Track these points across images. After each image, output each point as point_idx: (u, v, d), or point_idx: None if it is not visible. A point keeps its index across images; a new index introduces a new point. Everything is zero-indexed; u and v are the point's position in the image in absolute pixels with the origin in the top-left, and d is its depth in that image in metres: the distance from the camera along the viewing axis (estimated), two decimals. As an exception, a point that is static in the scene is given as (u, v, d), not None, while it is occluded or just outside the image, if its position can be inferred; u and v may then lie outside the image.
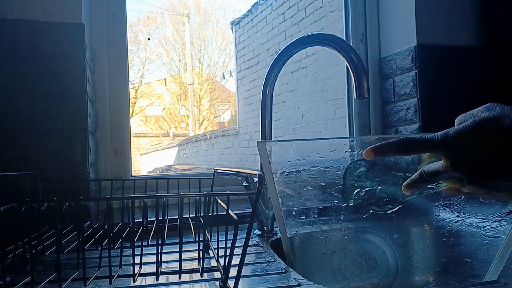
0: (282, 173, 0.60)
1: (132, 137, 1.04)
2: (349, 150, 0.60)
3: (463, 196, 0.58)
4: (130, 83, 1.05)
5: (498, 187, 0.45)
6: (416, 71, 1.06)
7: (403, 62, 1.10)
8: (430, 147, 0.47)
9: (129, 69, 1.04)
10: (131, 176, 1.03)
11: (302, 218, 0.62)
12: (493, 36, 1.13)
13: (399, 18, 1.12)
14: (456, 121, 0.50)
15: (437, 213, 0.61)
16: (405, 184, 0.52)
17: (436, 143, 0.47)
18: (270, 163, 0.59)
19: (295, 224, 0.62)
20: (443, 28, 1.09)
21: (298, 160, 0.61)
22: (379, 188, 0.59)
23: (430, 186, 0.54)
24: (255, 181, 0.77)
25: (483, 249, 0.58)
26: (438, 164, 0.48)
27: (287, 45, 0.75)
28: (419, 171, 0.50)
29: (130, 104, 1.04)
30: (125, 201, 0.52)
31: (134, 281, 0.47)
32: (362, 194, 0.60)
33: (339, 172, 0.60)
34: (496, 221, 0.57)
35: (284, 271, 0.57)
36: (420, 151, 0.49)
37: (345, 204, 0.60)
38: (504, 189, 0.46)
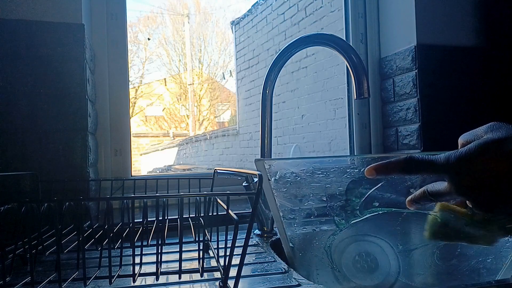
0: (282, 189, 0.60)
1: (132, 137, 1.04)
2: (351, 167, 0.59)
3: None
4: (130, 83, 1.05)
5: (508, 213, 0.44)
6: (416, 71, 1.06)
7: (403, 62, 1.10)
8: (433, 169, 0.46)
9: (129, 69, 1.04)
10: (131, 176, 1.03)
11: (304, 229, 0.62)
12: (493, 36, 1.13)
13: (399, 18, 1.12)
14: (460, 141, 0.48)
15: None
16: (408, 199, 0.51)
17: (438, 166, 0.45)
18: (269, 180, 0.59)
19: (297, 235, 0.61)
20: (443, 28, 1.09)
21: (298, 178, 0.61)
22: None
23: None
24: (255, 181, 0.77)
25: (491, 258, 0.58)
26: (442, 186, 0.46)
27: (287, 45, 0.75)
28: (422, 189, 0.49)
29: (130, 104, 1.04)
30: (125, 201, 0.52)
31: (134, 281, 0.47)
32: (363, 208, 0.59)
33: (341, 189, 0.60)
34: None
35: (284, 271, 0.57)
36: (422, 172, 0.48)
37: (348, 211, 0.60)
38: None
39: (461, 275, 0.58)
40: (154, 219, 0.71)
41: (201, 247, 0.53)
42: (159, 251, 0.48)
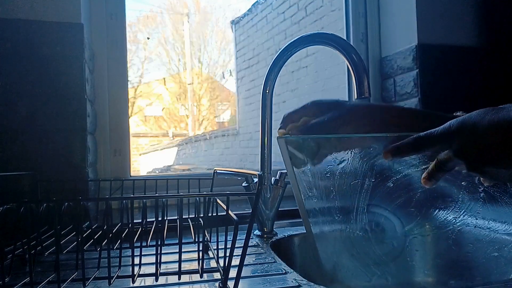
0: (303, 170, 0.59)
1: (131, 137, 1.04)
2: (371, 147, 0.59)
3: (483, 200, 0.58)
4: (129, 83, 1.05)
5: (499, 174, 0.45)
6: (417, 70, 1.05)
7: (404, 62, 1.09)
8: (439, 138, 0.48)
9: (128, 69, 1.04)
10: (130, 176, 1.03)
11: (324, 215, 0.61)
12: (493, 36, 1.13)
13: (400, 17, 1.12)
14: None
15: (458, 216, 0.60)
16: (424, 176, 0.51)
17: (443, 132, 0.47)
18: (291, 159, 0.58)
19: (317, 220, 0.61)
20: (444, 28, 1.08)
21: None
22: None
23: None
24: (255, 181, 0.77)
25: (508, 247, 0.57)
26: (448, 152, 0.48)
27: (287, 44, 0.75)
28: (435, 160, 0.50)
29: (129, 104, 1.04)
30: (124, 201, 0.51)
31: (133, 281, 0.47)
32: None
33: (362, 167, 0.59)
34: None
35: (284, 272, 0.56)
36: (432, 145, 0.49)
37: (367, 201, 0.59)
38: (508, 176, 0.45)
39: (478, 263, 0.58)
40: (154, 219, 0.71)
41: (200, 248, 0.53)
42: (159, 252, 0.48)
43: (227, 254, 0.46)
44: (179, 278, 0.49)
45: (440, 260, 0.61)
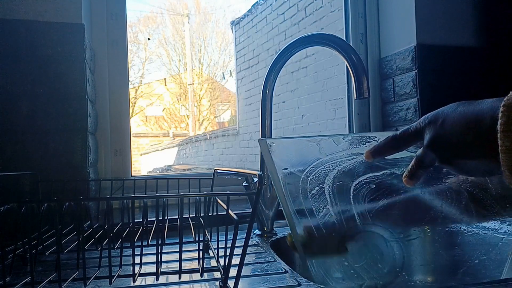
0: (287, 173, 0.59)
1: (132, 137, 1.04)
2: (355, 147, 0.59)
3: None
4: (130, 83, 1.05)
5: (467, 166, 0.45)
6: (416, 71, 1.06)
7: (403, 62, 1.10)
8: (414, 133, 0.48)
9: (129, 69, 1.04)
10: (131, 176, 1.03)
11: (311, 216, 0.61)
12: (493, 36, 1.13)
13: (399, 18, 1.12)
14: None
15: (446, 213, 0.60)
16: (405, 175, 0.51)
17: (417, 127, 0.48)
18: (273, 160, 0.58)
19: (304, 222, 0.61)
20: (443, 28, 1.09)
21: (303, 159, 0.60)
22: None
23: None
24: (255, 181, 0.77)
25: (496, 249, 0.57)
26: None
27: (287, 45, 0.75)
28: (414, 157, 0.50)
29: (130, 104, 1.04)
30: (125, 201, 0.52)
31: (134, 281, 0.47)
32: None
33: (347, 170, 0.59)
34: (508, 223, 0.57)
35: (284, 271, 0.57)
36: (409, 141, 0.50)
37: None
38: (474, 169, 0.46)
39: (467, 267, 0.58)
40: (154, 219, 0.71)
41: (201, 247, 0.53)
42: (159, 251, 0.48)
43: (227, 253, 0.46)
44: (180, 277, 0.49)
45: (429, 264, 0.61)
